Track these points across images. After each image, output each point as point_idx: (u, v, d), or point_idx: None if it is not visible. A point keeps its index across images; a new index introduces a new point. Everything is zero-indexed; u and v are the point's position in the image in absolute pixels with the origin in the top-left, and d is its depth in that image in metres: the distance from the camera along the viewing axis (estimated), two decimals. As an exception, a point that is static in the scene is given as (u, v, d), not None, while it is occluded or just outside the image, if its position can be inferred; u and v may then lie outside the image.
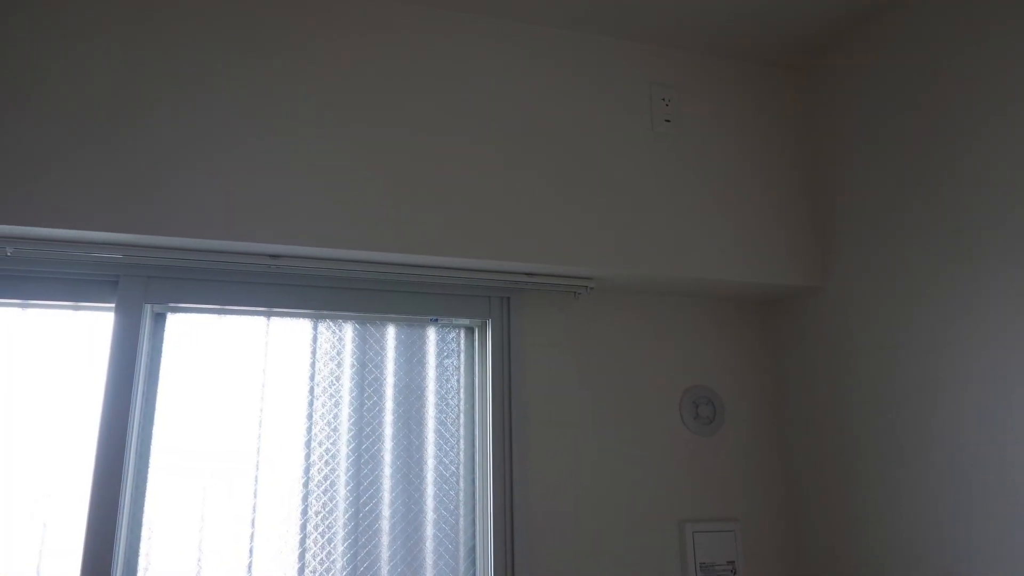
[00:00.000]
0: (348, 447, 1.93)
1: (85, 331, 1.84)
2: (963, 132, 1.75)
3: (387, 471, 1.95)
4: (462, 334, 2.10)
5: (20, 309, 1.82)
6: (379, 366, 2.01)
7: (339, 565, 1.85)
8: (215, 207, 1.70)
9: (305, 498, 1.87)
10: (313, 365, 1.96)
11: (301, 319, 1.99)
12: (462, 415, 2.04)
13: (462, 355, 2.08)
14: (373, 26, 1.93)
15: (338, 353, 1.98)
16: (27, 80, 1.66)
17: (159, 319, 1.89)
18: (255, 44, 1.83)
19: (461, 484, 2.00)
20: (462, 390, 2.06)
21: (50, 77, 1.67)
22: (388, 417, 1.98)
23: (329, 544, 1.86)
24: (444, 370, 2.05)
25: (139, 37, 1.75)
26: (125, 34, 1.75)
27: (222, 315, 1.93)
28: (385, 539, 1.90)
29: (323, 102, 1.84)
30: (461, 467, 2.01)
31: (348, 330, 2.01)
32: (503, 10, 2.01)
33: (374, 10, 1.94)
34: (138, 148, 1.68)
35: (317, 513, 1.87)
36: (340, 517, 1.88)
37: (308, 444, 1.91)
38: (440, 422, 2.02)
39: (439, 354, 2.06)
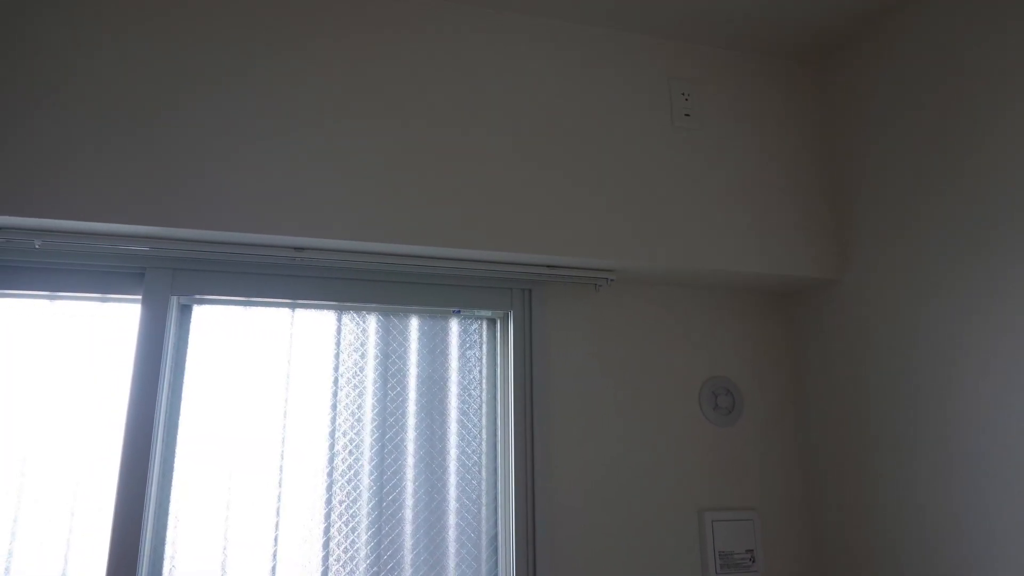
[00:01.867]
0: (372, 437, 1.89)
1: (112, 323, 1.80)
2: (979, 126, 1.70)
3: (410, 461, 1.90)
4: (484, 325, 2.05)
5: (48, 301, 1.78)
6: (402, 357, 1.96)
7: (363, 553, 1.81)
8: (240, 200, 1.66)
9: (329, 487, 1.83)
10: (337, 356, 1.91)
11: (325, 311, 1.94)
12: (484, 405, 1.99)
13: (484, 346, 2.03)
14: (396, 21, 1.89)
15: (362, 344, 1.94)
16: (53, 75, 1.63)
17: (185, 311, 1.85)
18: (281, 40, 1.79)
19: (483, 474, 1.95)
20: (484, 381, 2.01)
21: (76, 72, 1.64)
22: (411, 407, 1.93)
23: (353, 533, 1.82)
24: (466, 361, 2.01)
25: (165, 32, 1.72)
26: (151, 28, 1.72)
27: (247, 307, 1.89)
28: (408, 528, 1.86)
29: (347, 97, 1.80)
30: (483, 457, 1.96)
31: (372, 321, 1.96)
32: (524, 6, 1.96)
33: (397, 5, 1.89)
34: (164, 142, 1.65)
35: (341, 502, 1.83)
36: (364, 506, 1.84)
37: (332, 434, 1.86)
38: (462, 412, 1.97)
39: (461, 345, 2.01)
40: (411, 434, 1.92)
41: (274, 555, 1.77)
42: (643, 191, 1.97)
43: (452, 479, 1.92)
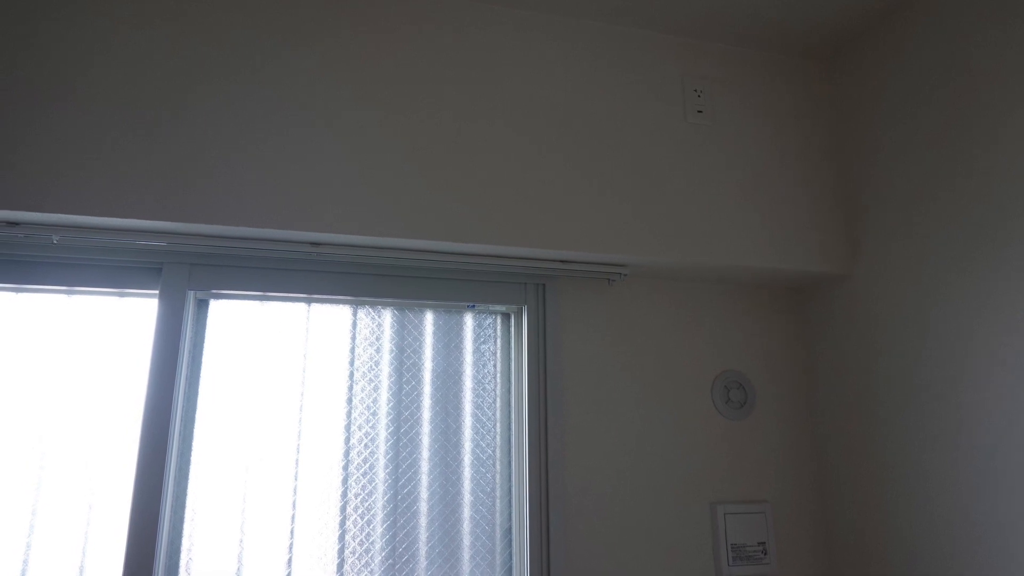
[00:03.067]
0: (387, 431, 1.86)
1: (129, 317, 1.77)
2: (990, 122, 1.67)
3: (425, 454, 1.87)
4: (498, 320, 2.02)
5: (66, 296, 1.75)
6: (417, 351, 1.92)
7: (378, 546, 1.79)
8: (257, 195, 1.64)
9: (345, 480, 1.81)
10: (353, 350, 1.88)
11: (341, 305, 1.91)
12: (498, 399, 1.96)
13: (498, 341, 2.00)
14: (412, 17, 1.86)
15: (377, 339, 1.91)
16: (71, 73, 1.60)
17: (202, 305, 1.82)
18: (298, 35, 1.76)
19: (497, 467, 1.92)
20: (498, 375, 1.98)
21: (94, 69, 1.62)
22: (426, 401, 1.90)
23: (368, 525, 1.79)
24: (481, 355, 1.97)
25: (183, 27, 1.70)
26: (169, 24, 1.69)
27: (264, 301, 1.86)
28: (423, 521, 1.83)
29: (363, 92, 1.77)
30: (497, 450, 1.93)
31: (387, 316, 1.93)
32: (540, 3, 1.92)
33: (414, 2, 1.86)
34: (182, 137, 1.62)
35: (357, 495, 1.80)
36: (379, 499, 1.82)
37: (348, 428, 1.84)
38: (477, 406, 1.94)
39: (476, 340, 1.98)
40: (426, 428, 1.89)
41: (290, 547, 1.74)
42: (656, 186, 1.94)
43: (467, 472, 1.89)
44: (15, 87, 1.56)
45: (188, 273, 1.76)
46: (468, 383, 1.95)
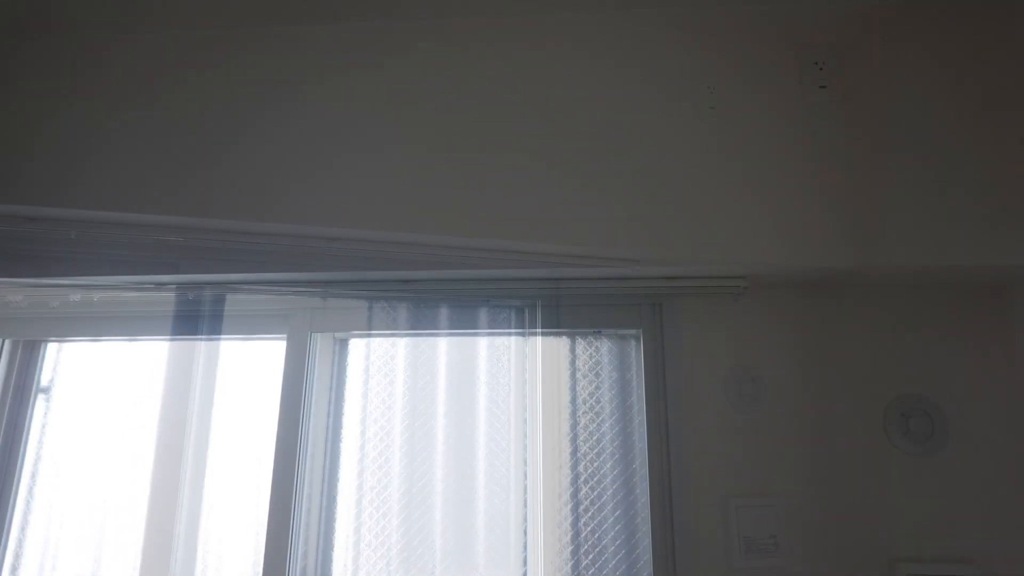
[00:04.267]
0: (402, 424, 1.84)
1: (148, 313, 1.75)
2: (1000, 117, 1.67)
3: (440, 448, 1.86)
4: (512, 315, 1.99)
5: (83, 292, 1.73)
6: (432, 346, 1.91)
7: (394, 539, 1.78)
8: (274, 192, 1.63)
9: (360, 474, 1.79)
10: (368, 345, 1.86)
11: (357, 300, 1.88)
12: (512, 393, 1.94)
13: (512, 336, 1.97)
14: (427, 15, 1.82)
15: (392, 332, 1.88)
16: (88, 72, 1.57)
17: (218, 300, 1.80)
18: (313, 36, 1.72)
19: (512, 460, 1.90)
20: (512, 370, 1.95)
21: (113, 67, 1.60)
22: (440, 396, 1.89)
23: (384, 519, 1.78)
24: (495, 350, 1.95)
25: (197, 30, 1.66)
26: (184, 26, 1.66)
27: (280, 296, 1.83)
28: (438, 514, 1.82)
29: (381, 89, 1.76)
30: (512, 444, 1.91)
31: (402, 310, 1.91)
32: (554, 1, 1.90)
33: (426, 1, 1.84)
34: (196, 134, 1.61)
35: (372, 488, 1.79)
36: (394, 493, 1.81)
37: (363, 421, 1.82)
38: (491, 400, 1.92)
39: (490, 334, 1.95)
40: (441, 421, 1.87)
41: (306, 540, 1.72)
42: (667, 183, 1.91)
43: (481, 465, 1.88)
44: (32, 86, 1.54)
45: (204, 268, 1.74)
46: (483, 377, 1.93)
